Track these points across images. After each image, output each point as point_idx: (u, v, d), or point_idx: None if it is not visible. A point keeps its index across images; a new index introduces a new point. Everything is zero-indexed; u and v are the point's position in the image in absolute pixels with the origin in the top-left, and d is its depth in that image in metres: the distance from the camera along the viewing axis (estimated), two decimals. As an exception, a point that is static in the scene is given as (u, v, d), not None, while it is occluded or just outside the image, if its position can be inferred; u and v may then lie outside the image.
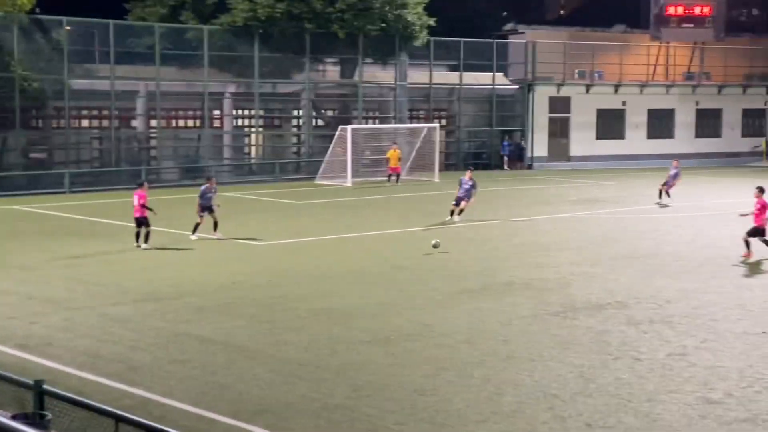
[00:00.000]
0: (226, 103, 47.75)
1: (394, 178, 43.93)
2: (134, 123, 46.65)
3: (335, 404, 12.37)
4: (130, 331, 16.11)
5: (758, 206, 23.57)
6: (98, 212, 33.15)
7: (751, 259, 23.41)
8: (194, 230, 26.57)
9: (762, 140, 62.23)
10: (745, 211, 21.84)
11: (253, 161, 49.40)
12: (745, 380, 13.43)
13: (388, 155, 44.74)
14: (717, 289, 19.94)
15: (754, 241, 23.59)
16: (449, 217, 29.89)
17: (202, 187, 27.44)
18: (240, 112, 49.38)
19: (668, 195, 36.03)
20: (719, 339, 15.74)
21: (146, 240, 24.91)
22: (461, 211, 29.96)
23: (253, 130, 48.97)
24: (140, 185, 25.96)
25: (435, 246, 24.11)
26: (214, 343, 15.38)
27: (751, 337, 15.88)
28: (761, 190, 23.93)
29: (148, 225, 25.13)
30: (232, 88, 47.65)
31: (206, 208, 26.86)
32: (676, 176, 36.37)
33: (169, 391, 12.87)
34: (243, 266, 22.43)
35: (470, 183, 30.18)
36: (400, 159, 44.29)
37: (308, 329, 16.28)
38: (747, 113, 64.14)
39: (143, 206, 25.02)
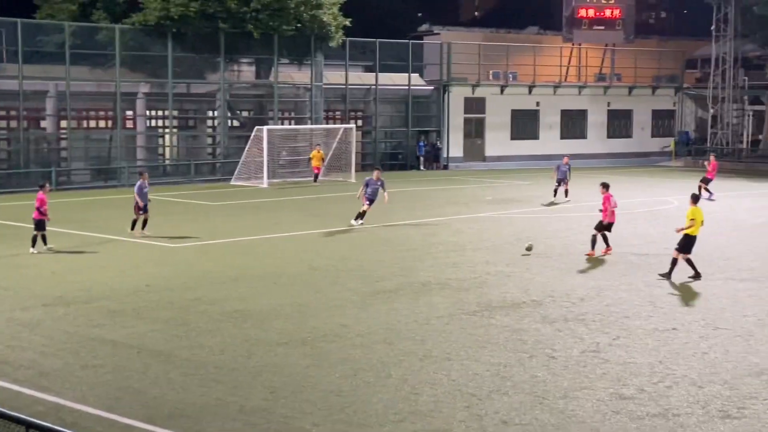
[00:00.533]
0: (139, 104, 47.05)
1: (315, 176, 43.72)
2: (44, 124, 45.64)
3: (252, 407, 12.27)
4: (40, 336, 15.77)
5: (606, 203, 24.54)
6: (7, 215, 32.39)
7: (598, 255, 24.17)
8: (133, 227, 26.65)
9: (671, 140, 63.65)
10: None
11: (167, 162, 48.78)
12: (657, 376, 13.71)
13: (311, 155, 44.68)
14: (628, 286, 20.33)
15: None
16: (357, 221, 29.23)
17: (138, 183, 27.24)
18: (153, 112, 48.69)
19: (566, 195, 36.66)
20: (631, 336, 16.04)
21: (34, 244, 24.23)
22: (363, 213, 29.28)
23: (167, 130, 48.36)
24: (41, 187, 25.20)
25: (528, 249, 24.36)
26: (127, 347, 15.14)
27: (662, 333, 16.22)
28: (605, 186, 24.89)
29: (43, 229, 24.42)
30: (145, 89, 46.98)
31: (144, 206, 26.91)
32: (565, 174, 36.76)
33: (81, 397, 12.63)
34: (157, 269, 22.13)
35: (379, 183, 29.83)
36: (323, 159, 44.20)
37: (224, 332, 16.13)
38: (656, 114, 65.61)
39: (39, 209, 24.36)
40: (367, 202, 29.25)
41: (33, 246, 24.19)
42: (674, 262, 21.22)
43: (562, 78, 62.39)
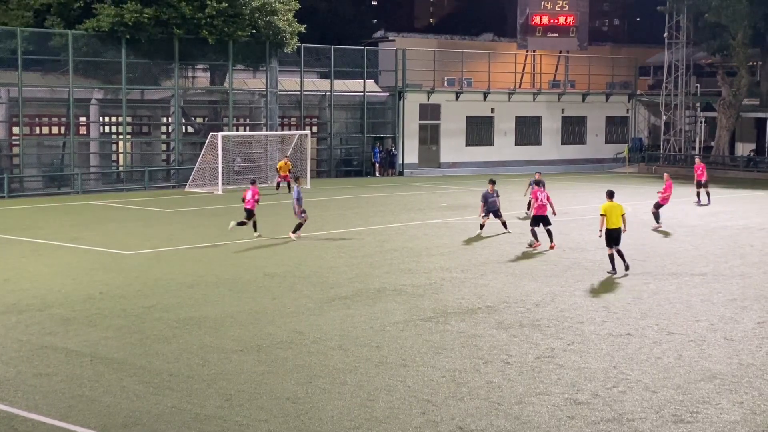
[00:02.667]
0: (93, 110, 46.63)
1: (284, 185, 43.33)
2: (-5, 130, 45.10)
3: (207, 414, 12.22)
4: (-8, 345, 15.57)
5: (534, 197, 26.75)
6: (-43, 222, 31.94)
7: (540, 248, 26.09)
8: (295, 230, 28.25)
9: (625, 147, 64.30)
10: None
11: (121, 169, 48.38)
12: (611, 381, 13.83)
13: (278, 166, 44.45)
14: (583, 292, 20.50)
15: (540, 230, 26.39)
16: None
17: (296, 189, 28.95)
18: (107, 118, 48.29)
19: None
20: (585, 341, 16.17)
21: (255, 228, 28.07)
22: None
23: (120, 137, 47.94)
24: (253, 183, 29.65)
25: (530, 245, 26.16)
26: (80, 355, 15.00)
27: (616, 338, 16.37)
28: (537, 183, 27.53)
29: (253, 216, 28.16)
30: (98, 95, 46.59)
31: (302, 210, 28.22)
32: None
33: (34, 406, 12.50)
34: (111, 276, 21.94)
35: (494, 194, 29.04)
36: (290, 170, 44.01)
37: (179, 339, 16.04)
38: (610, 120, 66.26)
39: (257, 201, 28.38)
40: (486, 215, 28.95)
41: (255, 230, 28.22)
42: (611, 256, 22.66)
43: (517, 84, 62.84)
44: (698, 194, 39.68)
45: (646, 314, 18.30)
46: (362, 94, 55.27)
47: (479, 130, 60.84)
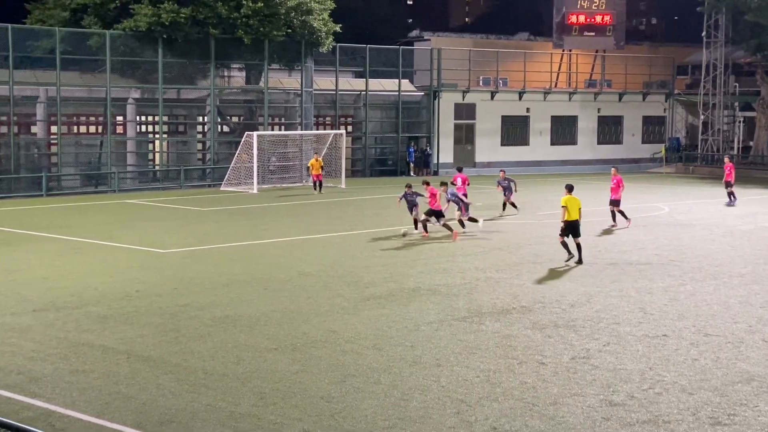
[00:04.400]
0: (130, 109, 46.99)
1: (317, 185, 43.33)
2: (34, 129, 45.59)
3: (241, 413, 12.26)
4: (30, 342, 15.73)
5: (429, 194, 28.50)
6: (-4, 220, 32.31)
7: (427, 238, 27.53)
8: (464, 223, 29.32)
9: (662, 146, 63.81)
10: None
11: (157, 168, 48.73)
12: (647, 382, 13.72)
13: (309, 164, 44.52)
14: (618, 293, 20.35)
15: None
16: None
17: (450, 191, 30.17)
18: (144, 118, 48.66)
19: (515, 206, 34.48)
20: (621, 342, 16.05)
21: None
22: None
23: (157, 136, 48.29)
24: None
25: (404, 234, 27.41)
26: (117, 352, 15.11)
27: (652, 339, 16.24)
28: (426, 183, 29.16)
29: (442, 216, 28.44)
30: (135, 94, 46.94)
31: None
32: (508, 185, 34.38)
33: (71, 402, 12.60)
34: (147, 274, 22.09)
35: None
36: (322, 167, 44.06)
37: (214, 337, 16.10)
38: (647, 120, 65.78)
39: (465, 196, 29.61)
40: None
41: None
42: (564, 245, 23.93)
43: (553, 84, 62.56)
44: (729, 195, 39.21)
45: (683, 315, 18.14)
46: (397, 93, 55.26)
47: (514, 130, 60.63)
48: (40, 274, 21.95)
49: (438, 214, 28.31)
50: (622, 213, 31.42)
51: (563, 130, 62.56)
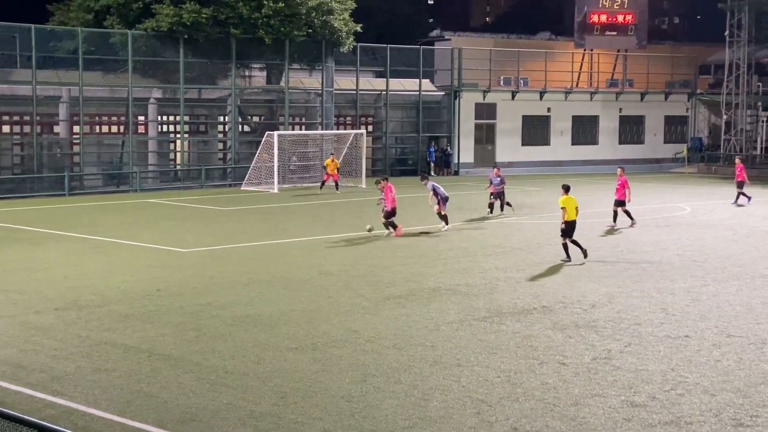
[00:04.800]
0: (151, 109, 47.20)
1: (332, 185, 43.39)
2: (57, 129, 45.88)
3: (262, 412, 12.28)
4: (52, 340, 15.81)
5: (386, 193, 28.69)
6: (20, 219, 32.52)
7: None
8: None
9: (684, 146, 63.50)
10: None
11: (178, 167, 48.92)
12: (669, 383, 13.65)
13: (325, 164, 44.57)
14: (640, 293, 20.26)
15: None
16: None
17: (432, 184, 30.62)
18: (165, 117, 48.87)
19: (509, 205, 34.30)
20: (643, 342, 15.98)
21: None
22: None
23: (178, 136, 48.49)
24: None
25: (369, 230, 27.97)
26: (138, 351, 15.17)
27: (674, 340, 16.16)
28: (384, 179, 29.46)
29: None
30: (157, 94, 47.15)
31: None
32: (501, 183, 34.06)
33: (93, 401, 12.66)
34: (168, 274, 22.17)
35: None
36: (338, 168, 44.08)
37: (234, 337, 16.14)
38: (669, 120, 65.49)
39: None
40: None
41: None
42: (565, 246, 24.15)
43: (574, 84, 62.38)
44: (738, 195, 38.92)
45: (705, 316, 18.04)
46: (418, 93, 55.25)
47: (535, 130, 60.50)
48: (62, 273, 22.07)
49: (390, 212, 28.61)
50: (627, 213, 31.24)
51: (584, 130, 62.37)
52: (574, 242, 24.22)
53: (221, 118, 50.36)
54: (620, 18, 62.47)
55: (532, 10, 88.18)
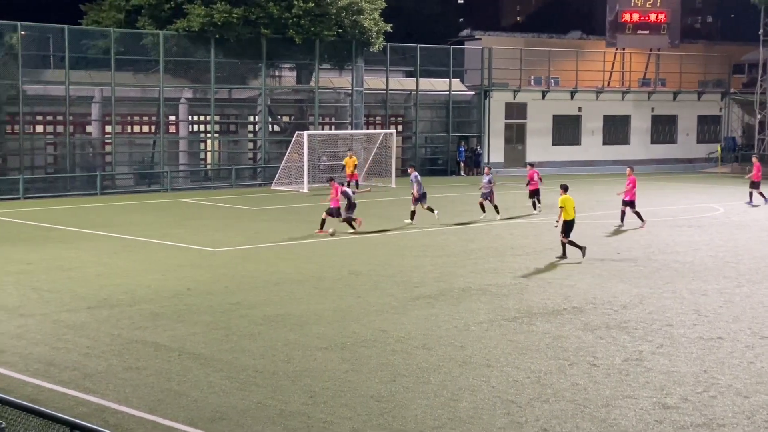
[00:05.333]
0: (182, 109, 47.45)
1: (353, 184, 43.41)
2: (89, 128, 46.23)
3: (291, 411, 12.29)
4: (84, 338, 15.92)
5: (333, 193, 29.21)
6: (52, 218, 32.78)
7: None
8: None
9: (717, 146, 63.00)
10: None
11: (208, 167, 49.13)
12: (701, 385, 13.53)
13: (344, 162, 44.59)
14: (672, 294, 20.11)
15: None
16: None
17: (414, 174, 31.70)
18: (196, 117, 49.10)
19: (495, 208, 32.82)
20: (675, 344, 15.86)
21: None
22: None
23: (208, 135, 48.70)
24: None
25: (332, 234, 27.89)
26: (169, 350, 15.24)
27: (707, 342, 16.02)
28: (331, 180, 30.51)
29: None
30: (187, 94, 47.38)
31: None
32: (489, 183, 32.96)
33: (124, 399, 12.73)
34: (198, 273, 22.26)
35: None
36: (356, 166, 44.09)
37: (264, 336, 16.18)
38: (702, 119, 64.97)
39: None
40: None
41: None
42: (563, 245, 24.41)
43: (605, 83, 62.03)
44: (750, 194, 38.44)
45: (738, 318, 17.87)
46: (448, 93, 55.16)
47: (566, 130, 60.24)
48: (94, 272, 22.22)
49: (336, 212, 28.97)
50: (638, 214, 30.96)
51: (616, 129, 62.03)
52: (571, 242, 24.39)
53: (251, 118, 50.53)
54: (652, 17, 62.02)
55: (563, 9, 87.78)
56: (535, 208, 34.89)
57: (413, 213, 31.09)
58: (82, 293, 19.70)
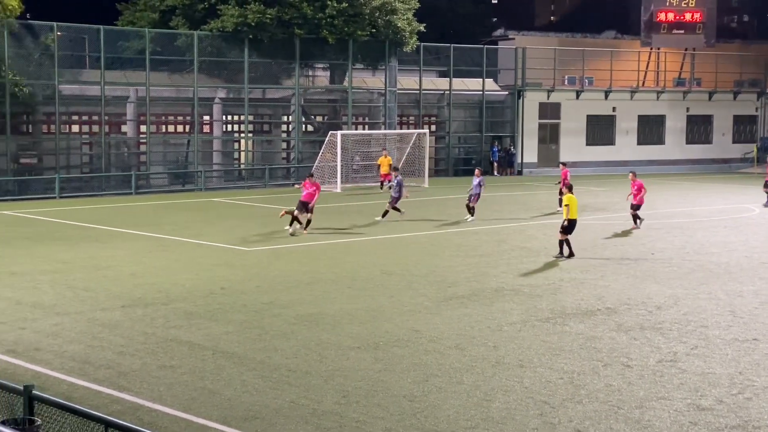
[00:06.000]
0: (216, 109, 47.68)
1: (387, 184, 43.47)
2: (124, 128, 46.57)
3: (324, 410, 12.32)
4: (119, 337, 16.05)
5: (307, 189, 29.08)
6: (88, 217, 33.06)
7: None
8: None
9: (753, 146, 62.40)
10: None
11: (242, 167, 49.34)
12: (736, 387, 13.42)
13: (378, 162, 44.61)
14: (707, 295, 19.96)
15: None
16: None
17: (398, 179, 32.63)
18: (229, 117, 49.33)
19: (471, 212, 32.32)
20: (710, 345, 15.74)
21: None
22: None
23: (242, 135, 48.91)
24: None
25: (293, 234, 27.63)
26: (203, 348, 15.32)
27: (742, 343, 15.89)
28: (310, 177, 29.92)
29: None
30: (221, 94, 47.60)
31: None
32: (479, 186, 32.45)
33: (158, 397, 12.81)
34: (232, 272, 22.36)
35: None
36: (390, 165, 44.04)
37: (297, 335, 16.23)
38: (738, 119, 64.40)
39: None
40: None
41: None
42: (561, 243, 24.70)
43: (640, 83, 61.62)
44: None
45: (773, 319, 17.70)
46: (481, 92, 55.02)
47: (600, 129, 59.92)
48: (128, 271, 22.39)
49: (305, 206, 28.80)
50: (635, 217, 30.60)
51: (650, 129, 61.62)
52: (567, 242, 24.71)
53: (285, 118, 50.69)
54: (688, 16, 61.52)
55: (597, 8, 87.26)
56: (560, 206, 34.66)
57: (386, 212, 32.12)
58: (117, 292, 19.85)
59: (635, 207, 30.72)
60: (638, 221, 30.46)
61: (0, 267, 22.76)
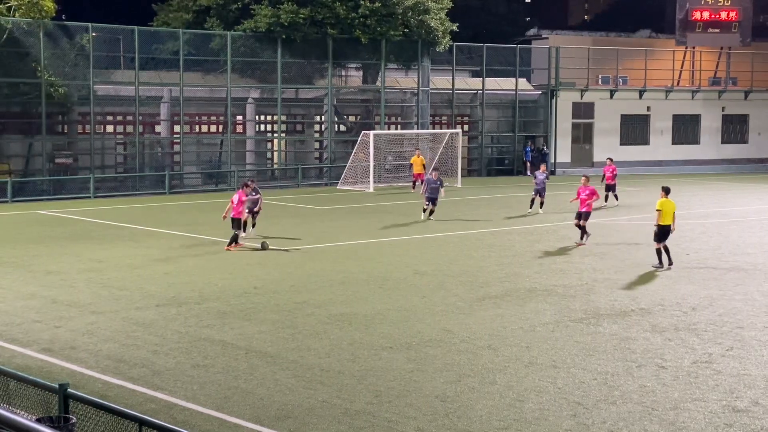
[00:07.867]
0: (249, 109, 47.86)
1: (419, 184, 43.45)
2: (158, 128, 46.88)
3: (356, 410, 12.34)
4: (153, 336, 16.15)
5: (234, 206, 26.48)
6: (122, 217, 33.30)
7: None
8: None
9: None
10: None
11: (275, 166, 49.50)
12: (771, 388, 13.29)
13: (411, 161, 44.59)
14: (743, 296, 19.78)
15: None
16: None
17: (428, 177, 33.07)
18: (262, 117, 49.50)
19: (540, 206, 33.40)
20: (745, 347, 15.59)
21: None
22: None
23: (275, 135, 49.06)
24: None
25: (263, 247, 25.37)
26: (236, 348, 15.39)
27: (777, 344, 15.73)
28: (247, 184, 27.15)
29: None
30: (254, 94, 47.78)
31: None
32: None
33: (192, 396, 12.89)
34: (265, 271, 22.44)
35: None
36: (424, 165, 44.01)
37: (330, 335, 16.26)
38: (775, 119, 63.76)
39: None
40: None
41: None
42: (658, 251, 23.08)
43: (675, 82, 61.16)
44: None
45: (810, 321, 17.51)
46: (514, 92, 54.85)
47: (634, 129, 59.52)
48: (162, 270, 22.53)
49: (237, 223, 25.91)
50: (583, 228, 26.90)
51: (685, 129, 61.13)
52: (666, 248, 23.04)
53: (318, 118, 50.79)
54: (723, 15, 60.99)
55: (631, 7, 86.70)
56: (606, 201, 35.95)
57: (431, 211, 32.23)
58: (151, 291, 19.98)
59: (582, 215, 26.96)
60: (585, 236, 26.80)
61: (36, 266, 22.99)
